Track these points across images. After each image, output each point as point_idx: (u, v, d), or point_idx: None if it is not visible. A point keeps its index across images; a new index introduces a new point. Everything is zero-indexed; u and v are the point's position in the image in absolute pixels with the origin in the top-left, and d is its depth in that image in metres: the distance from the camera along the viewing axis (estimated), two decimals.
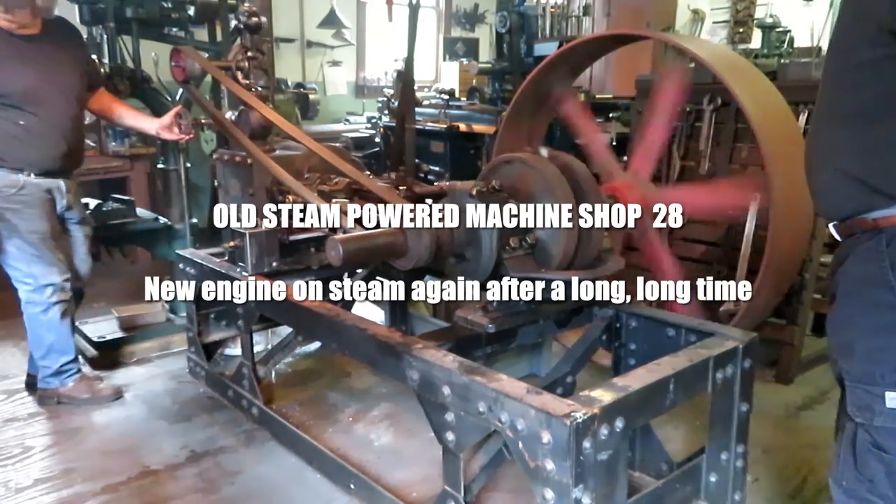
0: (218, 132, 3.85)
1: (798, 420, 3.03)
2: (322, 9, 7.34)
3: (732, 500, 2.13)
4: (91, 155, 4.50)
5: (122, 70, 3.46)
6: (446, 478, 2.04)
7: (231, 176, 3.00)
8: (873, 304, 1.36)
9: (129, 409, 3.13)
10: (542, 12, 6.01)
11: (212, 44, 3.98)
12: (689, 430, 2.76)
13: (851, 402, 1.41)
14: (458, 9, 9.02)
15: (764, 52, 4.84)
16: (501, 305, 2.11)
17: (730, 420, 2.06)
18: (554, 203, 2.01)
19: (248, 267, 2.78)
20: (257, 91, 2.86)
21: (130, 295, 3.85)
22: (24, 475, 2.60)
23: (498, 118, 4.72)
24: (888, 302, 1.33)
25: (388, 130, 5.41)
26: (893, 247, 1.33)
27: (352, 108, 7.71)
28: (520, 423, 1.66)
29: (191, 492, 2.50)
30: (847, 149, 1.40)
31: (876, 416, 1.35)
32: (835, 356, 1.50)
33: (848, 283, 1.44)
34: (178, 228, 3.83)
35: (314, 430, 2.84)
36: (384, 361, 2.15)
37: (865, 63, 1.33)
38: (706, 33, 7.92)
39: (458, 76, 7.68)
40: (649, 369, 1.85)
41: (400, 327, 3.37)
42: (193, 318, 3.30)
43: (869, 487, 1.39)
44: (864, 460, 1.39)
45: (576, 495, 1.57)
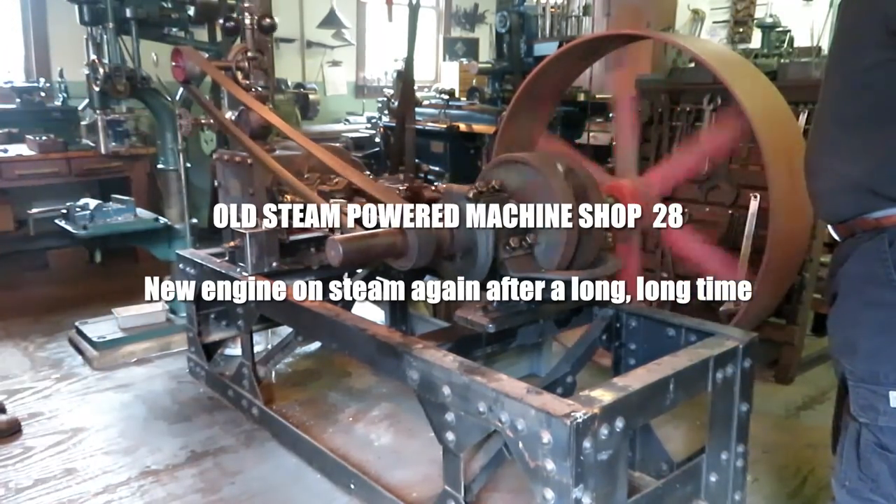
0: (218, 132, 3.86)
1: (798, 420, 3.04)
2: (322, 9, 7.33)
3: (732, 500, 2.13)
4: (91, 155, 4.53)
5: (121, 70, 3.46)
6: (446, 478, 2.04)
7: (231, 176, 3.00)
8: (876, 303, 1.35)
9: (129, 409, 3.13)
10: (542, 12, 6.00)
11: (212, 44, 3.97)
12: (689, 430, 2.76)
13: (855, 401, 1.41)
14: (458, 9, 9.01)
15: (764, 52, 4.84)
16: (501, 305, 2.11)
17: (730, 420, 2.06)
18: (554, 203, 2.01)
19: (248, 267, 2.79)
20: (257, 91, 2.86)
21: (130, 295, 3.85)
22: (25, 475, 2.60)
23: (498, 118, 4.71)
24: (891, 301, 1.32)
25: (388, 130, 5.40)
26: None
27: (352, 108, 7.70)
28: (520, 423, 1.66)
29: (191, 492, 2.50)
30: (851, 153, 1.39)
31: (880, 415, 1.35)
32: (836, 356, 1.49)
33: (850, 282, 1.43)
34: (178, 228, 3.83)
35: (314, 430, 2.84)
36: (384, 361, 2.15)
37: (870, 66, 1.32)
38: (706, 33, 7.91)
39: (458, 76, 7.66)
40: (649, 369, 1.85)
41: (400, 327, 3.37)
42: (193, 318, 3.30)
43: (872, 487, 1.39)
44: (868, 460, 1.39)
45: (576, 495, 1.57)
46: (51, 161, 4.71)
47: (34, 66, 5.64)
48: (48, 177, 4.70)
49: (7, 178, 4.58)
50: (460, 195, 2.05)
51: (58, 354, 3.72)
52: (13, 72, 5.63)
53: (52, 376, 3.44)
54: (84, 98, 3.83)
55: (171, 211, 3.87)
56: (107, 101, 3.53)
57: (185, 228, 3.81)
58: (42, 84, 5.32)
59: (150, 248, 3.97)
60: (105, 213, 3.65)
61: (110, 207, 3.69)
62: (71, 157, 4.79)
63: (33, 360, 3.65)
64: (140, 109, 3.97)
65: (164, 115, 3.75)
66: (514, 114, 3.73)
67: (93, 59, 3.48)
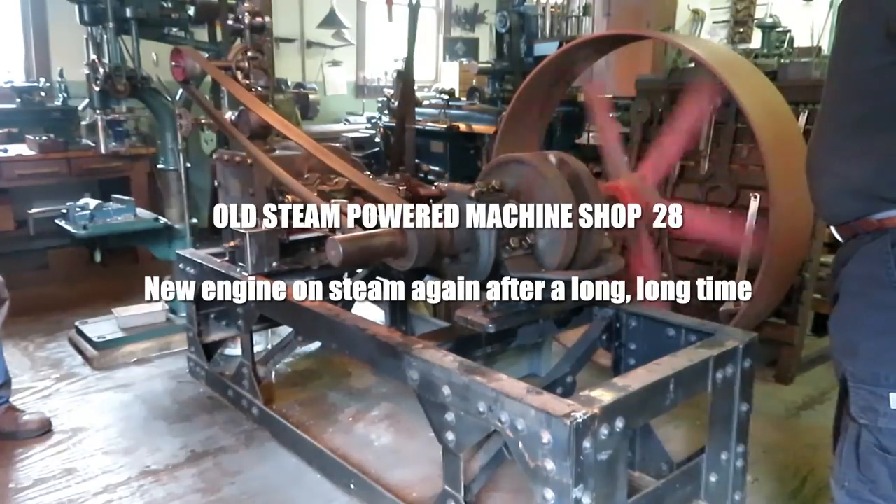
0: (218, 132, 3.85)
1: (798, 420, 3.03)
2: (322, 9, 7.33)
3: (732, 500, 2.13)
4: (91, 155, 4.53)
5: (122, 70, 3.46)
6: (446, 478, 2.04)
7: (231, 176, 3.00)
8: (878, 304, 1.35)
9: (129, 409, 3.13)
10: (542, 12, 6.00)
11: (212, 44, 3.97)
12: (689, 430, 2.76)
13: (855, 402, 1.40)
14: (458, 9, 9.01)
15: (764, 52, 4.83)
16: (501, 305, 2.11)
17: (730, 420, 2.06)
18: (554, 203, 2.01)
19: (248, 267, 2.79)
20: (257, 91, 2.86)
21: (130, 295, 3.85)
22: (25, 475, 2.60)
23: (498, 118, 4.71)
24: (893, 303, 1.32)
25: (388, 130, 5.40)
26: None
27: (352, 108, 7.70)
28: (520, 423, 1.66)
29: (191, 492, 2.50)
30: (852, 156, 1.39)
31: (880, 417, 1.35)
32: (838, 357, 1.49)
33: (852, 283, 1.43)
34: (178, 228, 3.82)
35: (314, 430, 2.84)
36: (384, 361, 2.15)
37: (873, 70, 1.32)
38: (706, 33, 7.90)
39: (458, 76, 7.67)
40: (649, 369, 1.85)
41: (400, 327, 3.37)
42: (193, 318, 3.30)
43: (872, 489, 1.38)
44: (868, 462, 1.38)
45: (576, 495, 1.57)
46: (51, 161, 4.71)
47: (34, 65, 5.64)
48: (48, 177, 4.70)
49: (7, 177, 4.58)
50: (461, 195, 2.05)
51: (58, 354, 3.72)
52: (13, 72, 5.64)
53: (51, 376, 3.44)
54: (84, 98, 3.83)
55: (171, 211, 3.87)
56: (107, 101, 3.53)
57: (185, 228, 3.81)
58: (42, 84, 5.32)
59: (150, 247, 3.97)
60: (105, 212, 3.65)
61: (110, 207, 3.68)
62: (71, 156, 4.78)
63: (33, 359, 3.65)
64: (140, 109, 3.95)
65: (164, 115, 3.75)
66: (514, 114, 3.74)
67: (93, 59, 3.48)
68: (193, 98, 3.10)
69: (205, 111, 3.04)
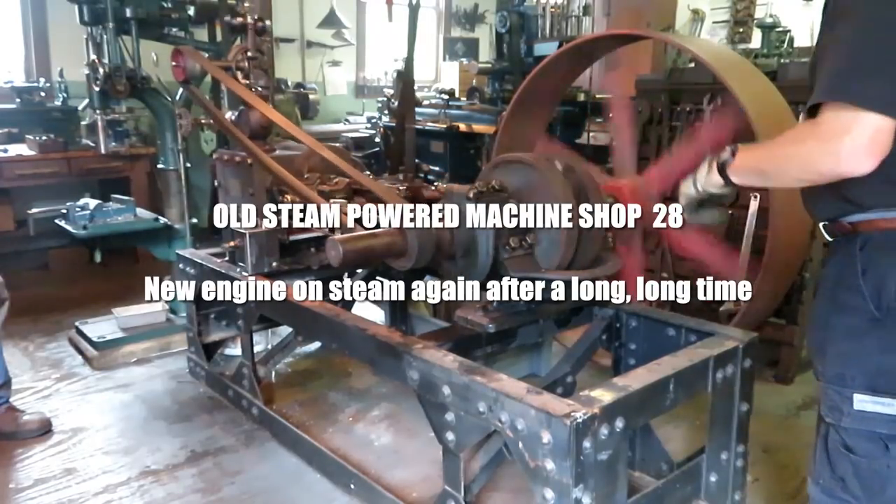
0: (218, 132, 3.85)
1: (798, 420, 3.03)
2: (322, 9, 7.33)
3: (732, 500, 2.13)
4: (91, 155, 4.53)
5: (122, 70, 3.45)
6: (446, 478, 2.04)
7: (231, 176, 3.00)
8: (845, 307, 1.37)
9: (129, 409, 3.13)
10: (542, 12, 6.00)
11: (212, 44, 3.97)
12: (689, 429, 2.76)
13: (824, 402, 1.44)
14: (458, 9, 9.01)
15: (764, 52, 4.82)
16: (501, 305, 2.11)
17: (730, 420, 2.06)
18: (554, 203, 2.01)
19: (248, 267, 2.79)
20: (257, 91, 2.86)
21: (130, 295, 3.85)
22: (25, 475, 2.60)
23: (498, 118, 4.71)
24: (858, 306, 1.34)
25: (388, 130, 5.40)
26: (866, 251, 1.34)
27: (352, 108, 7.70)
28: (520, 423, 1.66)
29: (191, 492, 2.50)
30: None
31: (844, 416, 1.37)
32: (811, 356, 1.51)
33: (824, 284, 1.46)
34: (178, 228, 3.82)
35: (314, 430, 2.84)
36: (384, 361, 2.15)
37: None
38: (706, 33, 7.89)
39: (458, 76, 7.67)
40: (649, 369, 1.85)
41: (400, 327, 3.37)
42: (193, 318, 3.30)
43: (842, 486, 1.41)
44: (836, 460, 1.42)
45: (576, 495, 1.57)
46: (51, 161, 4.71)
47: (34, 65, 5.64)
48: (48, 177, 4.70)
49: (7, 177, 4.58)
50: (460, 195, 2.05)
51: (58, 354, 3.72)
52: (13, 72, 5.63)
53: (51, 376, 3.44)
54: (84, 98, 3.83)
55: (171, 211, 3.86)
56: (107, 101, 3.53)
57: (185, 228, 3.81)
58: (42, 84, 5.31)
59: (150, 247, 3.97)
60: (105, 212, 3.65)
61: (110, 207, 3.69)
62: (71, 156, 4.78)
63: (33, 359, 3.65)
64: (140, 109, 3.96)
65: (164, 115, 3.75)
66: (514, 114, 3.74)
67: (93, 59, 3.47)
68: (194, 98, 3.10)
69: (205, 111, 3.04)
